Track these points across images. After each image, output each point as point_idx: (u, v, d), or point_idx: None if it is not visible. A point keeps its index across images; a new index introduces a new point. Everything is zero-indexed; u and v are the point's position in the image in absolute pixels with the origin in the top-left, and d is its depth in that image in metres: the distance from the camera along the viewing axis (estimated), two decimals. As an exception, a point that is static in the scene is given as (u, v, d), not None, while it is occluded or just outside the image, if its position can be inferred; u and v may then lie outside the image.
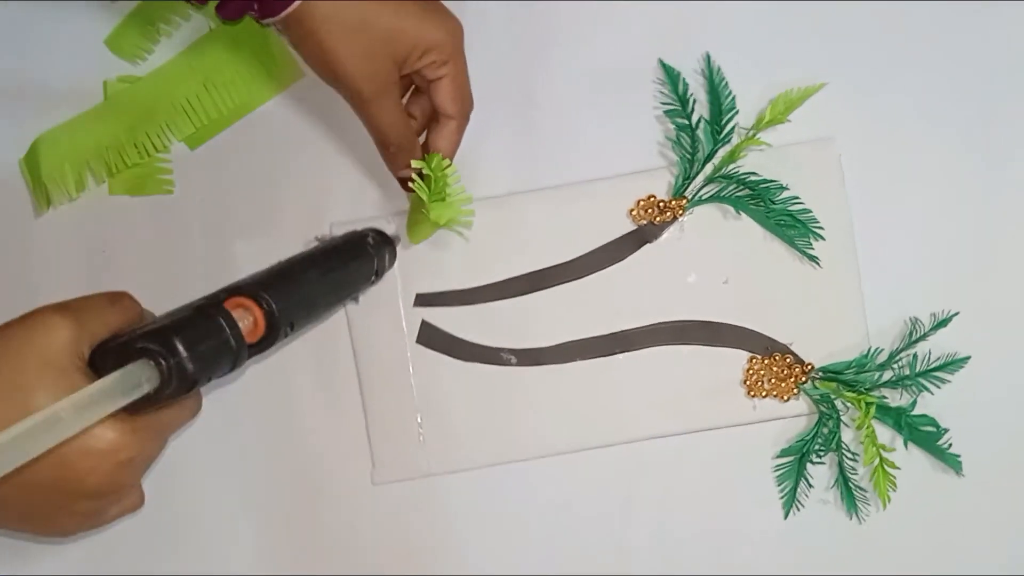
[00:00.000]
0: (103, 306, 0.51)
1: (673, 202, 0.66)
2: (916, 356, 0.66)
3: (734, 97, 0.66)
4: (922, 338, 0.66)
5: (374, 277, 0.63)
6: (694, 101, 0.66)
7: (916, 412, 0.65)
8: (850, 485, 0.66)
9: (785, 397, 0.66)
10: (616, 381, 0.67)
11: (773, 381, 0.66)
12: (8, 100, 0.69)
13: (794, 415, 0.67)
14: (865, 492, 0.66)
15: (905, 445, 0.66)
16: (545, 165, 0.68)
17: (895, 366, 0.66)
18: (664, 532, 0.67)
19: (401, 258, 0.66)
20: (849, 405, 0.66)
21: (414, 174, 0.61)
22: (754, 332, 0.67)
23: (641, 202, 0.67)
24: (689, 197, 0.66)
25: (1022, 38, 0.67)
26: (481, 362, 0.67)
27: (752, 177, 0.66)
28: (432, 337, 0.67)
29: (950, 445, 0.66)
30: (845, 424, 0.66)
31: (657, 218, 0.67)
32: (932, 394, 0.66)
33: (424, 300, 0.68)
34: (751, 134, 0.65)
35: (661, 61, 0.67)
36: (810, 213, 0.66)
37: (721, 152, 0.66)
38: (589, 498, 0.67)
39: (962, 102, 0.67)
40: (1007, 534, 0.67)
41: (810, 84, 0.66)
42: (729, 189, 0.66)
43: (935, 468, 0.67)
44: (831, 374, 0.66)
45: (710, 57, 0.66)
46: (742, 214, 0.67)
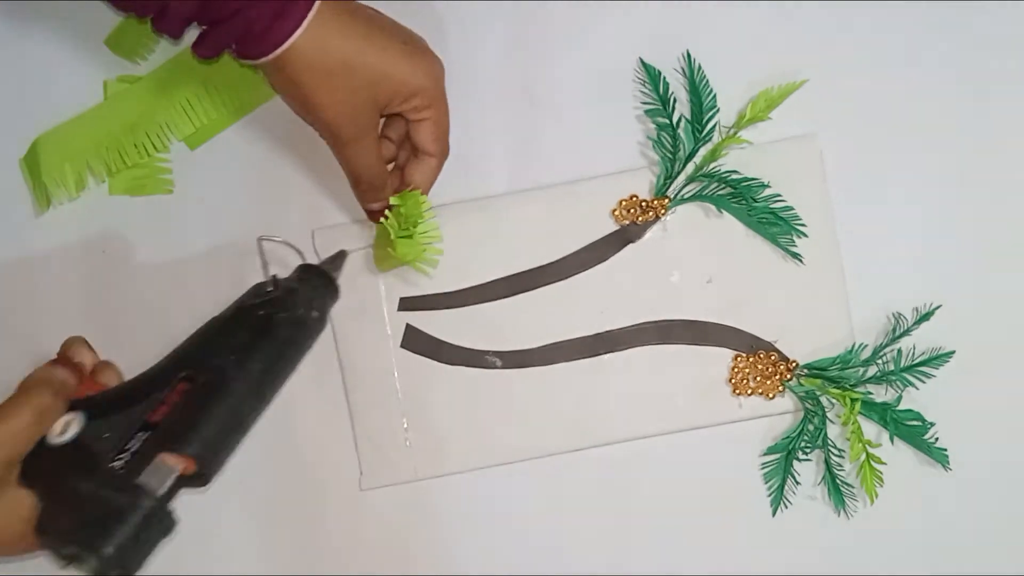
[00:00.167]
0: (25, 422, 0.54)
1: (655, 201, 0.66)
2: (900, 351, 0.66)
3: (715, 95, 0.66)
4: (906, 333, 0.66)
5: (316, 323, 0.61)
6: (675, 100, 0.66)
7: (901, 407, 0.66)
8: (837, 481, 0.66)
9: (771, 395, 0.66)
10: (601, 382, 0.67)
11: (758, 379, 0.66)
12: (8, 100, 0.68)
13: (780, 412, 0.67)
14: (852, 488, 0.66)
15: (891, 440, 0.66)
16: (526, 167, 0.68)
17: (880, 361, 0.66)
18: (652, 532, 0.67)
19: (385, 262, 0.66)
20: (834, 401, 0.66)
21: (386, 210, 0.61)
22: (739, 330, 0.67)
23: (623, 202, 0.67)
24: (671, 196, 0.66)
25: (1002, 35, 0.67)
26: (466, 365, 0.67)
27: (734, 175, 0.66)
28: (417, 341, 0.67)
29: (936, 439, 0.66)
30: (831, 420, 0.66)
31: (640, 218, 0.66)
32: (917, 389, 0.66)
33: (408, 304, 0.67)
34: (732, 132, 0.65)
35: (642, 60, 0.67)
36: (792, 210, 0.66)
37: (703, 151, 0.66)
38: (576, 500, 0.67)
39: (942, 97, 0.67)
40: (994, 527, 0.67)
41: (791, 81, 0.66)
42: (711, 188, 0.66)
43: (922, 462, 0.67)
44: (816, 371, 0.66)
45: (691, 56, 0.66)
46: (724, 212, 0.67)
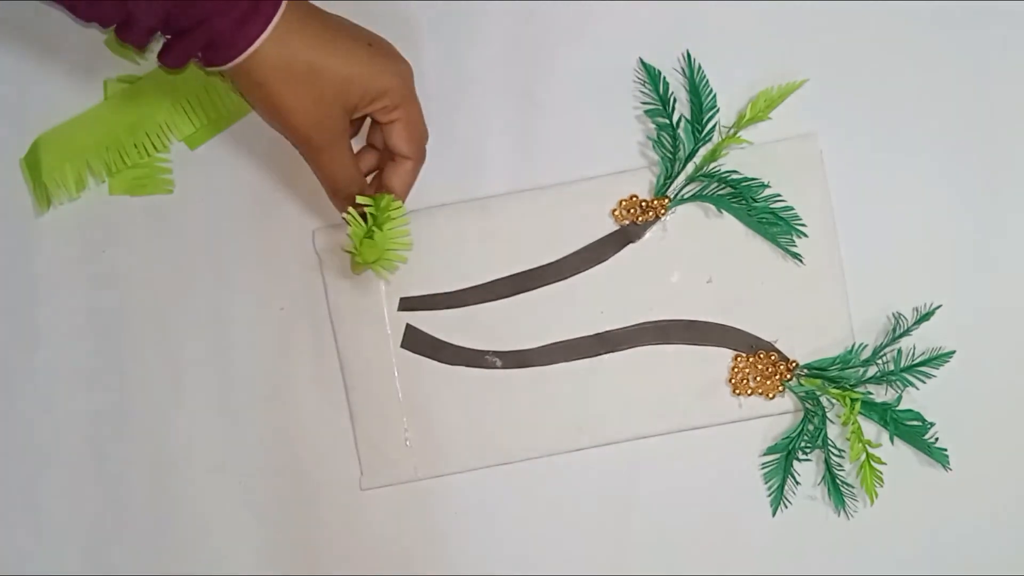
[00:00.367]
0: None
1: (655, 201, 0.66)
2: (900, 351, 0.66)
3: (715, 95, 0.65)
4: (906, 333, 0.66)
5: None
6: (675, 100, 0.66)
7: (901, 407, 0.65)
8: (837, 481, 0.66)
9: (770, 395, 0.66)
10: (601, 382, 0.67)
11: (758, 379, 0.66)
12: (8, 100, 0.69)
13: (780, 412, 0.67)
14: (852, 488, 0.66)
15: (891, 440, 0.66)
16: (525, 167, 0.68)
17: (880, 361, 0.66)
18: (651, 532, 0.67)
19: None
20: (834, 401, 0.66)
21: (352, 209, 0.61)
22: (738, 330, 0.67)
23: (623, 202, 0.67)
24: (671, 196, 0.66)
25: (1002, 35, 0.67)
26: (466, 365, 0.67)
27: (734, 175, 0.65)
28: (417, 341, 0.67)
29: (936, 439, 0.66)
30: (831, 420, 0.66)
31: (640, 218, 0.66)
32: (917, 389, 0.66)
33: (408, 304, 0.68)
34: (732, 132, 0.65)
35: (642, 60, 0.67)
36: (792, 210, 0.66)
37: (702, 151, 0.66)
38: (576, 500, 0.67)
39: (942, 97, 0.67)
40: (994, 527, 0.67)
41: (791, 81, 0.66)
42: (711, 188, 0.66)
43: (922, 463, 0.67)
44: (816, 371, 0.66)
45: (691, 56, 0.66)
46: (724, 212, 0.67)
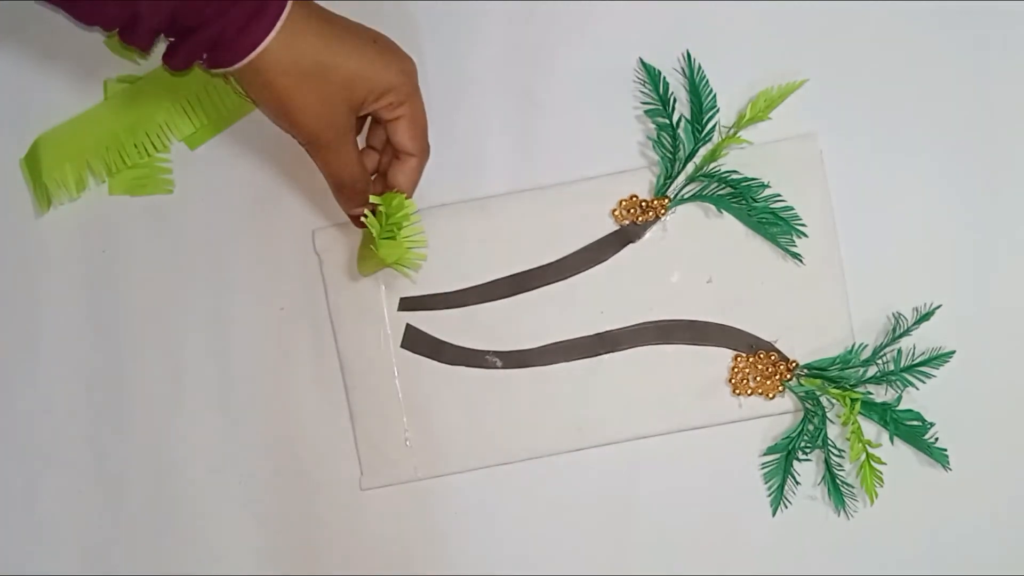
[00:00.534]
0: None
1: (655, 201, 0.66)
2: (900, 351, 0.66)
3: (715, 95, 0.65)
4: (906, 333, 0.66)
5: None
6: (675, 100, 0.66)
7: (901, 407, 0.65)
8: (837, 481, 0.66)
9: (770, 395, 0.66)
10: (601, 382, 0.67)
11: (758, 379, 0.66)
12: (8, 100, 0.69)
13: (780, 412, 0.67)
14: (852, 488, 0.66)
15: (891, 440, 0.66)
16: (525, 167, 0.68)
17: (880, 361, 0.66)
18: (651, 532, 0.67)
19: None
20: (834, 401, 0.66)
21: (367, 209, 0.61)
22: (738, 330, 0.67)
23: (623, 202, 0.67)
24: (671, 196, 0.66)
25: (1002, 35, 0.67)
26: (466, 365, 0.67)
27: (734, 175, 0.65)
28: (417, 341, 0.67)
29: (936, 439, 0.66)
30: (831, 420, 0.66)
31: (640, 218, 0.66)
32: (917, 389, 0.66)
33: (408, 304, 0.68)
34: (732, 132, 0.65)
35: (642, 60, 0.67)
36: (792, 210, 0.66)
37: (702, 151, 0.66)
38: (576, 500, 0.67)
39: (942, 97, 0.67)
40: (994, 527, 0.67)
41: (791, 81, 0.66)
42: (711, 188, 0.66)
43: (922, 463, 0.67)
44: (816, 371, 0.66)
45: (691, 56, 0.66)
46: (724, 212, 0.67)
